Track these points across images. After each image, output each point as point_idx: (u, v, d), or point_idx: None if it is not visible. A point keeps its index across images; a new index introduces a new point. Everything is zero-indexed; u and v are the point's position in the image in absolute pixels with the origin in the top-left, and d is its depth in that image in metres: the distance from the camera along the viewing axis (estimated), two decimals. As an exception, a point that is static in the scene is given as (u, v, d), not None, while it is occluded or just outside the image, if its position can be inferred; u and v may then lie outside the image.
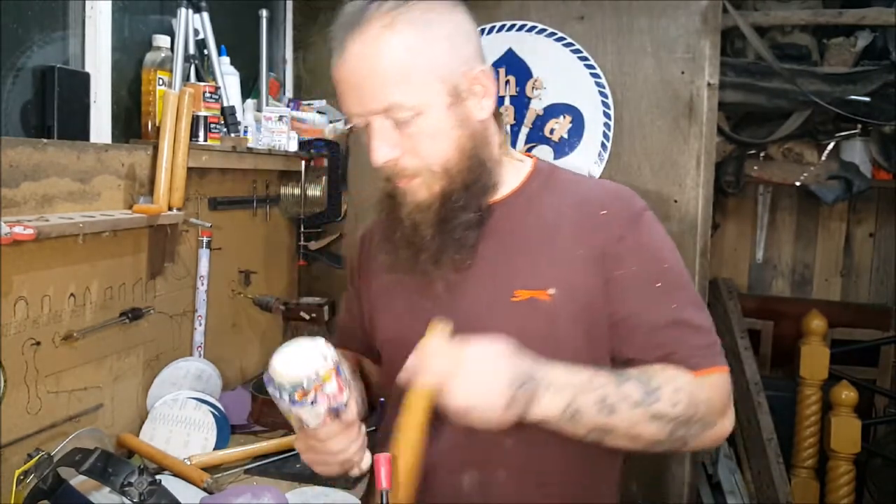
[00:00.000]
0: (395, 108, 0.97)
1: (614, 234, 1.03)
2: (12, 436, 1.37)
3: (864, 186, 3.19)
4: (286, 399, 0.91)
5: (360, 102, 0.99)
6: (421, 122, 0.98)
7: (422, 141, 0.99)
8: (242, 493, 1.47)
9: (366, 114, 0.99)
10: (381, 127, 0.99)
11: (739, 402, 3.00)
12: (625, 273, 1.01)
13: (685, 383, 0.97)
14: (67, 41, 1.62)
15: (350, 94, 1.00)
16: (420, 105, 0.98)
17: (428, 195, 1.02)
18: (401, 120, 0.98)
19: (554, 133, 2.35)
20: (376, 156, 1.00)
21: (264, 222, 2.28)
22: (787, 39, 2.90)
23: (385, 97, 0.97)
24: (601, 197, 1.07)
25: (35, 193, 1.39)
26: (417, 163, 1.00)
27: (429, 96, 0.98)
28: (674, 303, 1.01)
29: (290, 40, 2.58)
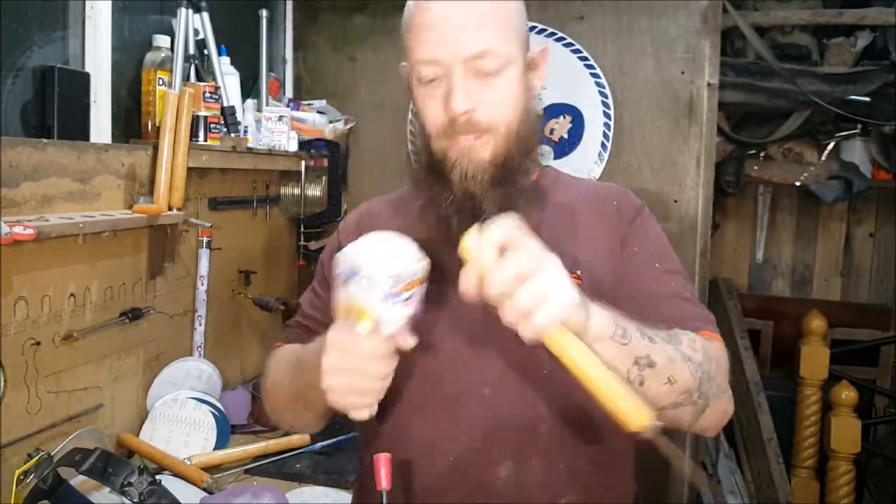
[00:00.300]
0: (489, 54, 0.95)
1: (626, 221, 1.08)
2: (12, 436, 1.37)
3: (864, 186, 3.20)
4: (379, 291, 0.80)
5: (451, 44, 0.95)
6: (504, 74, 0.97)
7: (500, 96, 0.97)
8: (242, 493, 1.47)
9: (452, 59, 0.95)
10: (465, 76, 0.96)
11: (739, 402, 3.00)
12: (629, 253, 1.06)
13: (696, 337, 0.97)
14: (67, 41, 1.62)
15: (438, 35, 0.96)
16: (509, 57, 0.97)
17: (490, 156, 0.98)
18: (487, 70, 0.96)
19: (554, 133, 2.35)
20: (456, 103, 0.95)
21: (264, 222, 2.28)
22: (787, 39, 2.90)
23: (483, 41, 0.95)
24: (608, 192, 1.13)
25: (35, 193, 1.39)
26: (491, 118, 0.97)
27: (514, 52, 0.98)
28: (671, 282, 1.06)
29: (290, 40, 2.58)
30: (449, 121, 0.97)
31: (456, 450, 0.99)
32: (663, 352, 0.89)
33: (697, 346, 0.94)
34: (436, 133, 0.99)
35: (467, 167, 0.98)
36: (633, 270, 1.05)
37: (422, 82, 0.99)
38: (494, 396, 1.00)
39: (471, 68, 0.96)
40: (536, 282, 0.76)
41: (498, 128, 0.98)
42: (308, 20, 2.59)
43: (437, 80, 0.97)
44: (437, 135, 0.99)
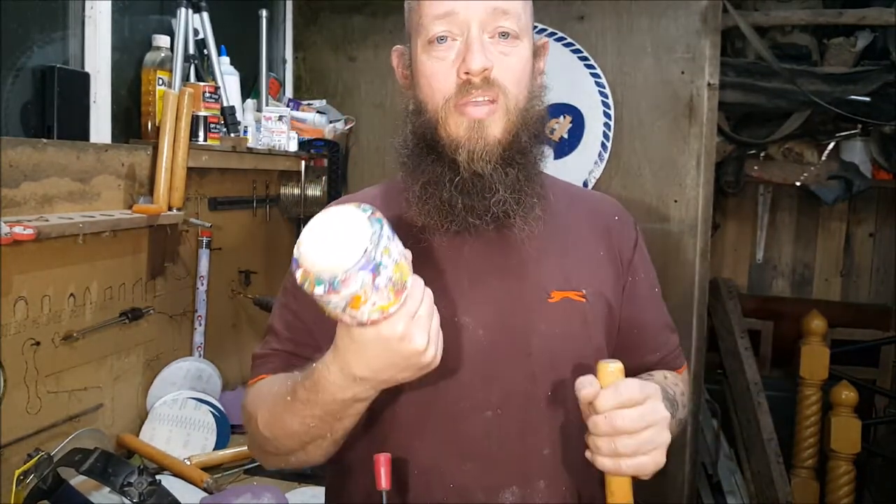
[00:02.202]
0: (512, 14, 0.91)
1: (628, 241, 1.06)
2: (12, 436, 1.37)
3: (865, 186, 3.20)
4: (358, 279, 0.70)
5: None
6: (520, 45, 0.93)
7: (515, 62, 0.93)
8: (242, 493, 1.47)
9: (471, 14, 0.90)
10: (483, 36, 0.91)
11: (740, 402, 3.00)
12: (637, 280, 1.05)
13: (686, 389, 1.05)
14: (67, 41, 1.62)
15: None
16: (525, 28, 0.94)
17: (499, 133, 0.92)
18: (506, 30, 0.91)
19: (554, 133, 2.35)
20: (476, 58, 0.89)
21: (264, 222, 2.28)
22: (787, 39, 2.90)
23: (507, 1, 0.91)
24: (606, 205, 1.10)
25: (35, 193, 1.39)
26: (506, 81, 0.91)
27: (528, 26, 0.96)
28: (662, 307, 1.10)
29: (290, 40, 2.58)
30: (463, 82, 0.90)
31: (458, 474, 0.94)
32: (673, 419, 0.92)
33: (685, 401, 1.04)
34: (443, 101, 0.92)
35: (476, 145, 0.91)
36: (638, 297, 1.05)
37: (430, 44, 0.92)
38: (497, 419, 0.95)
39: (489, 26, 0.91)
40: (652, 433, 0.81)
41: (510, 95, 0.92)
42: (308, 20, 2.60)
43: (449, 41, 0.91)
44: (443, 103, 0.92)
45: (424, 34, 0.92)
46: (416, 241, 0.94)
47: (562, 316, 0.97)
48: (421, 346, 0.76)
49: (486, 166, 0.91)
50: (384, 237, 0.73)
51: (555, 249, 1.00)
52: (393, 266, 0.73)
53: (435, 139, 0.93)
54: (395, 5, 2.50)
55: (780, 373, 3.34)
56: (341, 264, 0.71)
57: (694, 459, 2.36)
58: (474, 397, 0.94)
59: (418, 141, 0.95)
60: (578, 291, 0.98)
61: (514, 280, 0.97)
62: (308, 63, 2.61)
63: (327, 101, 2.54)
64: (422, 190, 0.94)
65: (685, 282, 2.23)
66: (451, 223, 0.94)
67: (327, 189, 2.36)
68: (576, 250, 1.01)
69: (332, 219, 0.76)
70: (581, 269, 1.00)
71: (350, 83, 2.56)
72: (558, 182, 1.10)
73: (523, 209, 0.94)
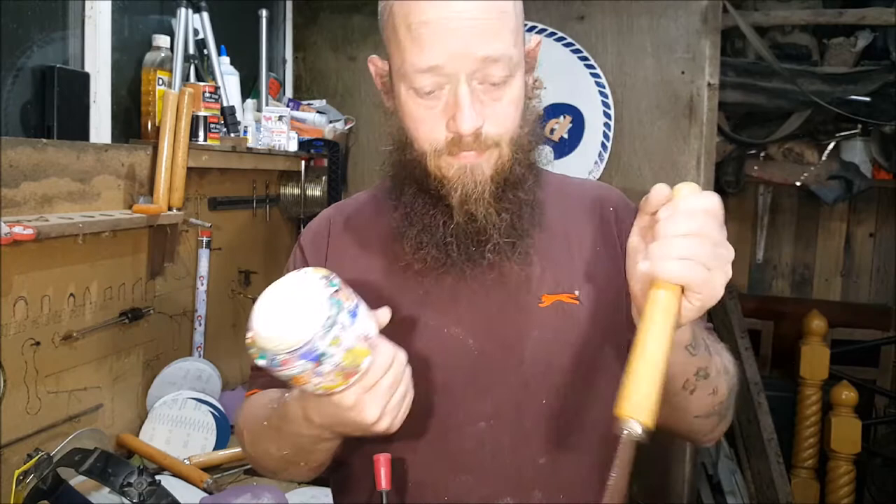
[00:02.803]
0: (502, 58, 0.83)
1: (626, 226, 0.97)
2: (12, 436, 1.37)
3: (865, 186, 3.20)
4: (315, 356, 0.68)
5: (461, 48, 0.82)
6: (512, 84, 0.86)
7: (506, 108, 0.86)
8: (242, 493, 1.47)
9: (459, 68, 0.82)
10: (472, 88, 0.83)
11: (740, 402, 3.00)
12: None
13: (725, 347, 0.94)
14: (67, 41, 1.62)
15: (446, 38, 0.82)
16: (516, 64, 0.86)
17: (492, 172, 0.88)
18: (494, 80, 0.84)
19: (554, 133, 2.35)
20: (466, 121, 0.82)
21: (264, 222, 2.28)
22: (787, 39, 2.90)
23: (496, 44, 0.83)
24: (601, 193, 1.04)
25: (35, 193, 1.39)
26: (498, 132, 0.86)
27: (520, 55, 0.87)
28: None
29: (290, 40, 2.58)
30: (453, 138, 0.85)
31: (452, 486, 0.93)
32: (715, 364, 0.86)
33: (729, 358, 0.92)
34: (433, 150, 0.87)
35: (469, 187, 0.87)
36: None
37: (417, 93, 0.86)
38: (491, 430, 0.92)
39: (477, 78, 0.84)
40: (727, 251, 0.72)
41: (504, 141, 0.88)
42: (308, 20, 2.60)
43: (437, 92, 0.85)
44: (434, 151, 0.87)
45: (408, 81, 0.85)
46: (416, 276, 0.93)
47: (554, 320, 0.93)
48: (371, 418, 0.75)
49: (479, 208, 0.88)
50: (337, 325, 0.69)
51: (545, 251, 0.96)
52: (342, 354, 0.70)
53: (425, 178, 0.89)
54: (395, 5, 2.51)
55: (780, 373, 3.34)
56: (284, 345, 0.69)
57: (694, 459, 2.36)
58: (467, 409, 0.92)
59: (407, 176, 0.92)
60: (571, 293, 0.94)
61: (503, 287, 0.93)
62: (308, 63, 2.61)
63: (327, 101, 2.54)
64: (417, 239, 0.91)
65: (685, 282, 2.23)
66: (448, 271, 0.91)
67: (327, 189, 2.36)
68: (568, 250, 0.97)
69: (293, 289, 0.73)
70: (574, 269, 0.96)
71: (350, 83, 2.56)
72: (553, 177, 1.05)
73: (519, 253, 0.91)
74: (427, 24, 0.82)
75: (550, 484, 0.94)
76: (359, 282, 0.95)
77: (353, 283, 0.93)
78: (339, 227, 1.03)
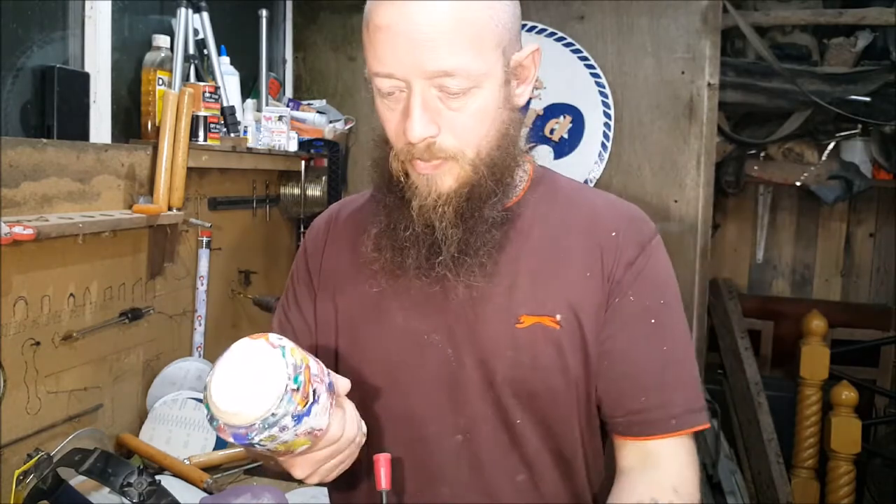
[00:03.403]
0: (458, 73, 0.80)
1: (623, 259, 0.91)
2: (12, 436, 1.37)
3: (865, 186, 3.20)
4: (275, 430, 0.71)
5: (412, 59, 0.80)
6: (476, 95, 0.82)
7: (467, 119, 0.83)
8: (242, 493, 1.47)
9: (412, 75, 0.80)
10: (427, 95, 0.81)
11: (740, 402, 3.00)
12: (622, 302, 0.90)
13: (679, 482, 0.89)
14: (67, 41, 1.62)
15: (397, 46, 0.80)
16: (482, 76, 0.82)
17: (454, 184, 0.85)
18: (452, 91, 0.81)
19: (554, 133, 2.35)
20: (414, 130, 0.81)
21: (264, 222, 2.28)
22: (787, 39, 2.90)
23: (451, 58, 0.79)
24: (612, 217, 0.94)
25: (35, 193, 1.39)
26: (455, 144, 0.84)
27: (490, 67, 0.83)
28: (665, 344, 0.91)
29: (290, 40, 2.58)
30: (406, 145, 0.84)
31: (429, 496, 0.92)
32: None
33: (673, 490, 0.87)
34: (394, 153, 0.87)
35: (427, 197, 0.85)
36: (618, 324, 0.90)
37: (380, 94, 0.85)
38: (467, 444, 0.91)
39: (434, 86, 0.81)
40: None
41: (465, 154, 0.84)
42: (308, 20, 2.60)
43: (397, 94, 0.83)
44: (395, 155, 0.87)
45: (373, 82, 0.85)
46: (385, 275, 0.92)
47: (531, 343, 0.89)
48: (298, 476, 0.83)
49: (437, 220, 0.86)
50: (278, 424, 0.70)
51: (531, 270, 0.91)
52: (276, 445, 0.72)
53: (391, 178, 0.89)
54: (395, 5, 2.51)
55: (780, 373, 3.34)
56: (228, 420, 0.71)
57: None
58: (442, 421, 0.91)
59: (380, 174, 0.92)
60: (552, 317, 0.89)
61: (481, 303, 0.89)
62: (308, 63, 2.61)
63: (327, 100, 2.54)
64: (377, 238, 0.91)
65: (685, 282, 2.23)
66: (401, 273, 0.89)
67: (327, 189, 2.36)
68: (555, 271, 0.91)
69: (254, 364, 0.73)
70: (559, 291, 0.90)
71: (350, 83, 2.56)
72: (563, 182, 0.99)
73: (466, 271, 0.87)
74: (381, 30, 0.82)
75: (530, 501, 0.93)
76: (349, 280, 0.97)
77: (344, 281, 0.97)
78: (340, 223, 1.04)
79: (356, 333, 0.96)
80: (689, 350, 0.93)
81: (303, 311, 1.01)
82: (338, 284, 0.98)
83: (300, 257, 1.05)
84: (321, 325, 0.99)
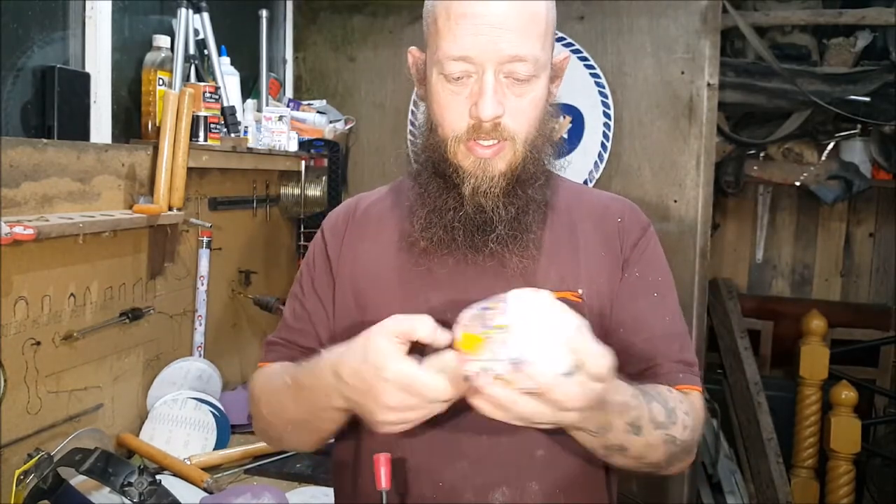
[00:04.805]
0: (528, 60, 0.90)
1: (629, 241, 1.03)
2: (12, 436, 1.37)
3: (864, 186, 3.20)
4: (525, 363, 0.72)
5: (490, 44, 0.89)
6: (535, 84, 0.92)
7: (527, 105, 0.93)
8: (242, 493, 1.47)
9: (487, 59, 0.89)
10: (498, 80, 0.90)
11: (739, 402, 3.00)
12: (629, 278, 1.01)
13: (691, 408, 0.95)
14: (67, 41, 1.62)
15: (478, 31, 0.89)
16: (543, 66, 0.93)
17: (505, 168, 0.94)
18: (520, 77, 0.91)
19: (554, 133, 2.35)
20: (487, 108, 0.89)
21: (264, 222, 2.29)
22: (786, 39, 2.90)
23: (525, 46, 0.90)
24: (614, 205, 1.07)
25: (35, 193, 1.39)
26: (516, 127, 0.93)
27: (548, 59, 0.95)
28: (667, 315, 1.02)
29: (290, 40, 2.58)
30: (473, 124, 0.92)
31: (448, 473, 0.95)
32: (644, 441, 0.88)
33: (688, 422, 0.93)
34: (454, 135, 0.93)
35: (482, 179, 0.93)
36: (627, 297, 1.01)
37: (447, 78, 0.92)
38: (489, 419, 0.92)
39: (504, 72, 0.90)
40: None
41: (519, 137, 0.94)
42: (308, 20, 2.60)
43: (465, 79, 0.91)
44: (455, 137, 0.94)
45: (440, 67, 0.92)
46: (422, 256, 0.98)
47: None
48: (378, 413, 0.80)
49: (488, 201, 0.94)
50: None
51: (553, 249, 1.00)
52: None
53: (443, 163, 0.95)
54: (395, 5, 2.52)
55: (779, 373, 3.34)
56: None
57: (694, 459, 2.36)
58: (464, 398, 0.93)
59: (427, 159, 0.98)
60: (575, 292, 0.97)
61: (508, 279, 0.96)
62: (308, 63, 2.61)
63: (327, 101, 2.54)
64: (426, 219, 0.97)
65: (685, 282, 2.24)
66: (451, 253, 0.95)
67: (327, 189, 2.36)
68: (574, 250, 1.00)
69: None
70: (579, 268, 0.99)
71: (350, 83, 2.56)
72: (570, 184, 1.10)
73: (519, 246, 0.95)
74: (464, 17, 0.90)
75: (547, 477, 0.96)
76: (371, 263, 1.02)
77: (366, 265, 1.01)
78: (359, 214, 1.09)
79: (381, 312, 0.97)
80: (683, 322, 1.05)
81: (321, 297, 1.06)
82: (361, 268, 1.03)
83: (317, 246, 1.09)
84: (340, 310, 1.04)
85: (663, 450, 0.91)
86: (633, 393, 0.87)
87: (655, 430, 0.89)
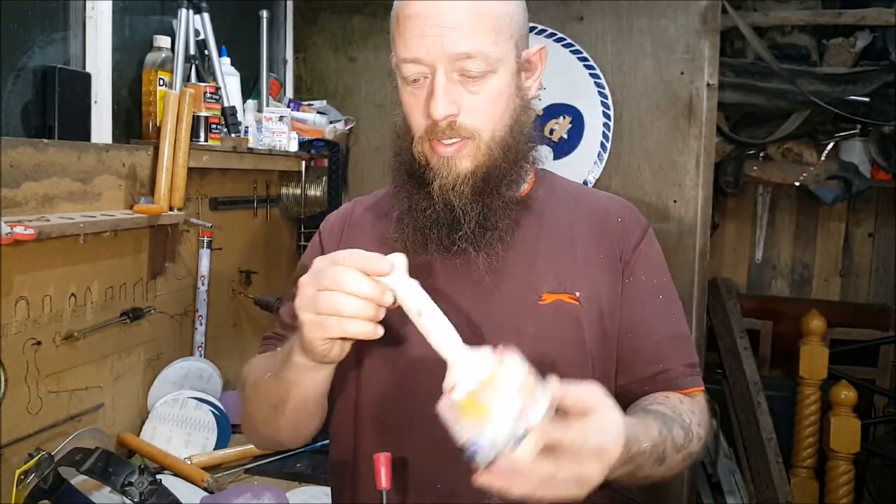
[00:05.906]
0: (477, 56, 0.90)
1: (630, 243, 1.03)
2: (13, 436, 1.37)
3: (864, 186, 3.20)
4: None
5: (436, 44, 0.89)
6: (492, 79, 0.92)
7: (484, 101, 0.93)
8: (242, 492, 1.47)
9: (436, 59, 0.90)
10: (449, 78, 0.91)
11: (739, 402, 3.01)
12: (635, 282, 1.02)
13: (701, 415, 0.97)
14: (68, 41, 1.62)
15: (424, 32, 0.90)
16: (497, 61, 0.92)
17: (471, 165, 0.94)
18: (472, 74, 0.91)
19: (554, 133, 2.35)
20: (438, 108, 0.90)
21: (264, 222, 2.29)
22: (786, 40, 2.91)
23: (471, 42, 0.90)
24: (613, 206, 1.07)
25: (36, 193, 1.40)
26: (474, 124, 0.93)
27: (505, 55, 0.93)
28: (672, 317, 1.03)
29: (291, 41, 2.58)
30: (430, 124, 0.93)
31: (446, 474, 0.94)
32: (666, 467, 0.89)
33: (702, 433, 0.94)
34: (418, 135, 0.95)
35: (447, 177, 0.94)
36: (635, 301, 1.01)
37: (406, 81, 0.94)
38: None
39: (456, 69, 0.91)
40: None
41: (481, 134, 0.93)
42: (308, 21, 2.60)
43: (421, 79, 0.93)
44: (419, 138, 0.95)
45: (399, 70, 0.94)
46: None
47: (553, 319, 0.96)
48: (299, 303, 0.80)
49: (456, 199, 0.94)
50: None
51: (549, 250, 0.99)
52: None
53: (413, 163, 0.96)
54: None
55: (779, 373, 3.35)
56: None
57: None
58: None
59: (401, 162, 0.99)
60: (572, 294, 0.97)
61: (504, 281, 0.96)
62: (308, 63, 2.61)
63: (328, 101, 2.54)
64: (399, 219, 0.98)
65: (684, 282, 2.24)
66: (424, 253, 0.95)
67: (327, 189, 2.36)
68: (572, 252, 1.00)
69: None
70: (576, 271, 0.99)
71: (350, 83, 2.56)
72: (564, 181, 1.10)
73: (486, 244, 0.94)
74: (409, 18, 0.91)
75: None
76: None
77: None
78: (355, 217, 1.10)
79: None
80: (685, 321, 1.06)
81: None
82: None
83: (315, 249, 1.11)
84: None
85: (681, 466, 0.93)
86: (659, 429, 0.87)
87: (677, 454, 0.90)
